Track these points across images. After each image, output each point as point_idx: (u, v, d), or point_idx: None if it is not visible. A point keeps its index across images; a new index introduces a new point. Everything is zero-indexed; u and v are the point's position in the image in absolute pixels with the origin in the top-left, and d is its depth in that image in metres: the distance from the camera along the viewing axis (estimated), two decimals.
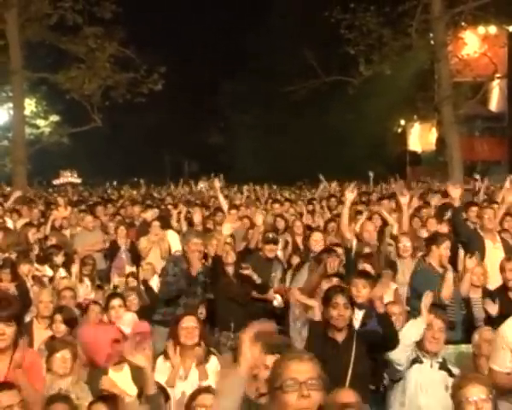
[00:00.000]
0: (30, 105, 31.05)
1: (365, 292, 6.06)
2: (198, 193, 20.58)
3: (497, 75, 31.37)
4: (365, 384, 5.19)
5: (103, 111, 27.05)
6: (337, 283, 6.26)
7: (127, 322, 6.78)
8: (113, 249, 11.00)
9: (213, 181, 11.27)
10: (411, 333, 5.50)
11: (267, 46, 48.50)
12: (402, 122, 46.77)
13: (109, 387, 5.35)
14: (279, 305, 8.16)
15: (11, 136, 26.83)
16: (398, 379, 5.53)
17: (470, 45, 27.71)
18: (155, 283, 8.98)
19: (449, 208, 9.91)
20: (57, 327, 6.45)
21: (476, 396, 3.91)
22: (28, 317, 7.14)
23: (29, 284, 8.02)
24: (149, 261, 9.75)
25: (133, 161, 51.85)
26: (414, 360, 5.50)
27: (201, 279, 7.78)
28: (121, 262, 10.56)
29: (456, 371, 5.46)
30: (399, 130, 47.93)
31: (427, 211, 10.94)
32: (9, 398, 4.08)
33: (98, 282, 9.42)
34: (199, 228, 11.38)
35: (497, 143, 42.89)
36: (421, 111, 31.77)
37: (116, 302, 6.94)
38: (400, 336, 5.42)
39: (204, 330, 6.03)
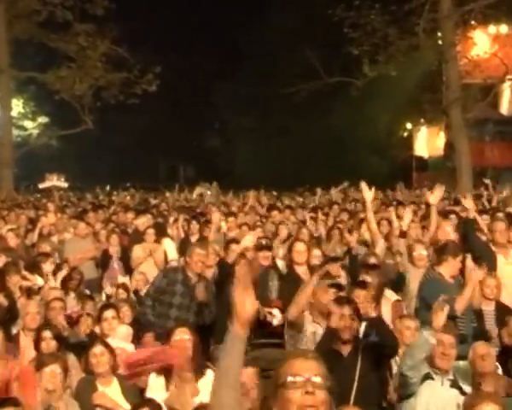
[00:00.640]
0: (17, 106, 31.14)
1: (366, 303, 6.05)
2: (195, 200, 20.55)
3: (509, 77, 31.39)
4: (371, 401, 5.17)
5: (94, 112, 27.14)
6: (334, 294, 6.26)
7: (122, 335, 6.76)
8: (105, 258, 10.98)
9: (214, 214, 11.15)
10: (421, 349, 5.37)
11: (266, 45, 48.57)
12: (408, 126, 46.74)
13: (104, 402, 5.34)
14: (278, 322, 8.06)
15: None
16: (409, 395, 5.48)
17: (480, 45, 27.77)
18: None
19: (452, 213, 9.91)
20: (48, 344, 6.33)
21: None
22: (15, 329, 7.11)
23: (16, 296, 8.00)
24: (142, 271, 9.74)
25: (125, 166, 51.72)
26: (425, 377, 5.45)
27: (201, 289, 7.74)
28: (113, 272, 10.54)
29: (467, 388, 5.43)
30: (405, 134, 47.92)
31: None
32: None
33: (88, 292, 9.39)
34: (195, 237, 11.39)
35: (509, 148, 42.84)
36: (428, 114, 31.89)
37: (109, 314, 6.91)
38: (409, 351, 5.38)
39: (198, 342, 6.00)
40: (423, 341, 5.32)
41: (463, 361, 6.24)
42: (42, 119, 32.89)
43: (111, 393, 5.54)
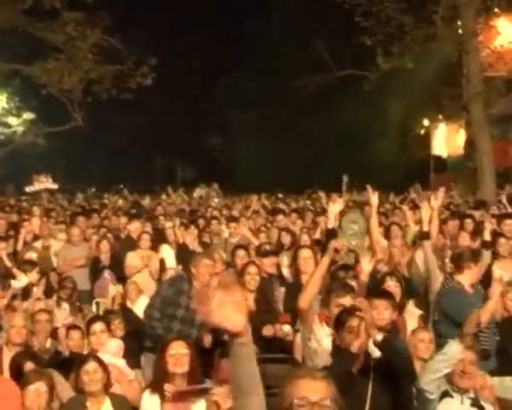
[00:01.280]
0: (1, 101, 31.14)
1: (386, 315, 6.02)
2: (195, 203, 20.60)
3: None
4: None
5: (85, 108, 27.14)
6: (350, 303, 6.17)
7: (112, 350, 6.73)
8: (96, 267, 10.97)
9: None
10: (439, 366, 5.29)
11: (271, 35, 48.61)
12: (425, 123, 46.68)
13: None
14: (290, 338, 7.98)
15: None
16: None
17: (504, 35, 27.63)
18: (143, 304, 8.93)
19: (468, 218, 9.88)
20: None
21: None
22: None
23: None
24: (134, 280, 9.71)
25: (118, 166, 51.83)
26: (443, 394, 5.41)
27: None
28: (105, 282, 10.54)
29: (489, 407, 5.40)
30: (422, 131, 47.85)
31: (453, 223, 10.95)
32: None
33: (78, 303, 9.39)
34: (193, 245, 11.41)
35: None
36: (447, 110, 31.81)
37: (97, 327, 6.90)
38: (427, 368, 5.34)
39: (195, 356, 5.98)
40: (451, 354, 5.23)
41: (510, 377, 6.20)
42: (27, 115, 32.88)
43: None
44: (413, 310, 7.81)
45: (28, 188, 43.21)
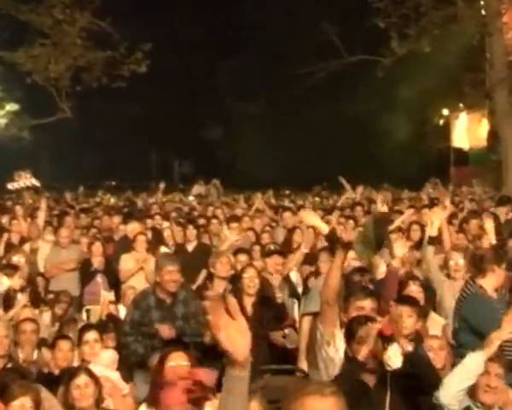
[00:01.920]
0: None
1: (410, 323, 5.97)
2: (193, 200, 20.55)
3: None
4: None
5: (73, 99, 27.11)
6: (369, 308, 6.08)
7: (106, 361, 6.72)
8: (87, 271, 10.96)
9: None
10: (461, 379, 5.25)
11: (276, 19, 48.56)
12: (445, 112, 46.67)
13: None
14: (293, 345, 7.93)
15: None
16: None
17: None
18: None
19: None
20: None
21: None
22: None
23: None
24: (132, 285, 9.72)
25: (111, 161, 51.81)
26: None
27: (180, 311, 7.70)
28: (96, 287, 10.52)
29: None
30: (441, 122, 47.84)
31: (476, 222, 10.94)
32: None
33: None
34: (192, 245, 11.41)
35: None
36: (468, 98, 31.74)
37: (91, 336, 6.89)
38: (447, 381, 5.25)
39: (196, 366, 5.97)
40: (474, 366, 5.20)
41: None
42: (11, 106, 32.97)
43: None
44: (436, 318, 7.74)
45: (11, 185, 43.22)
